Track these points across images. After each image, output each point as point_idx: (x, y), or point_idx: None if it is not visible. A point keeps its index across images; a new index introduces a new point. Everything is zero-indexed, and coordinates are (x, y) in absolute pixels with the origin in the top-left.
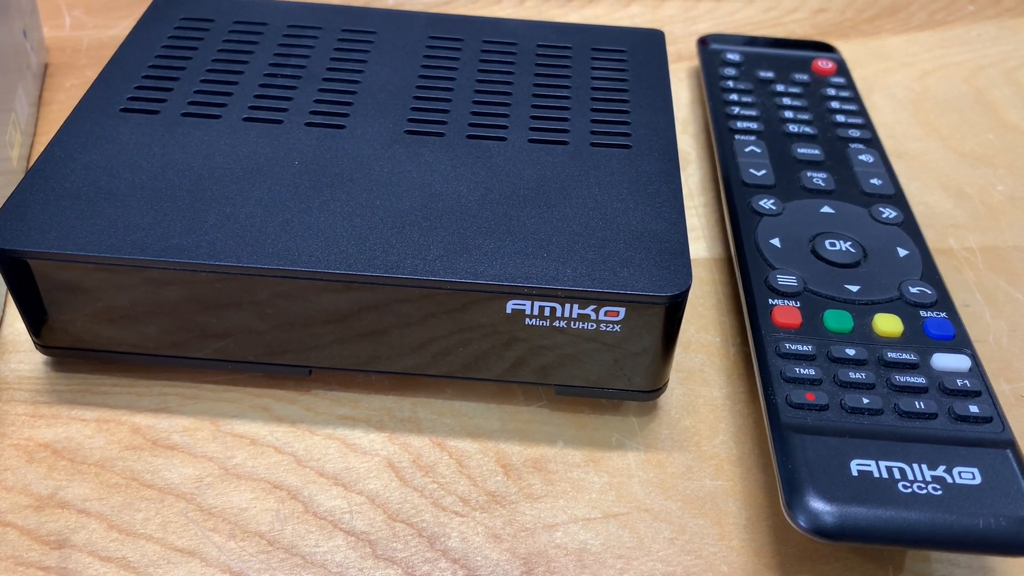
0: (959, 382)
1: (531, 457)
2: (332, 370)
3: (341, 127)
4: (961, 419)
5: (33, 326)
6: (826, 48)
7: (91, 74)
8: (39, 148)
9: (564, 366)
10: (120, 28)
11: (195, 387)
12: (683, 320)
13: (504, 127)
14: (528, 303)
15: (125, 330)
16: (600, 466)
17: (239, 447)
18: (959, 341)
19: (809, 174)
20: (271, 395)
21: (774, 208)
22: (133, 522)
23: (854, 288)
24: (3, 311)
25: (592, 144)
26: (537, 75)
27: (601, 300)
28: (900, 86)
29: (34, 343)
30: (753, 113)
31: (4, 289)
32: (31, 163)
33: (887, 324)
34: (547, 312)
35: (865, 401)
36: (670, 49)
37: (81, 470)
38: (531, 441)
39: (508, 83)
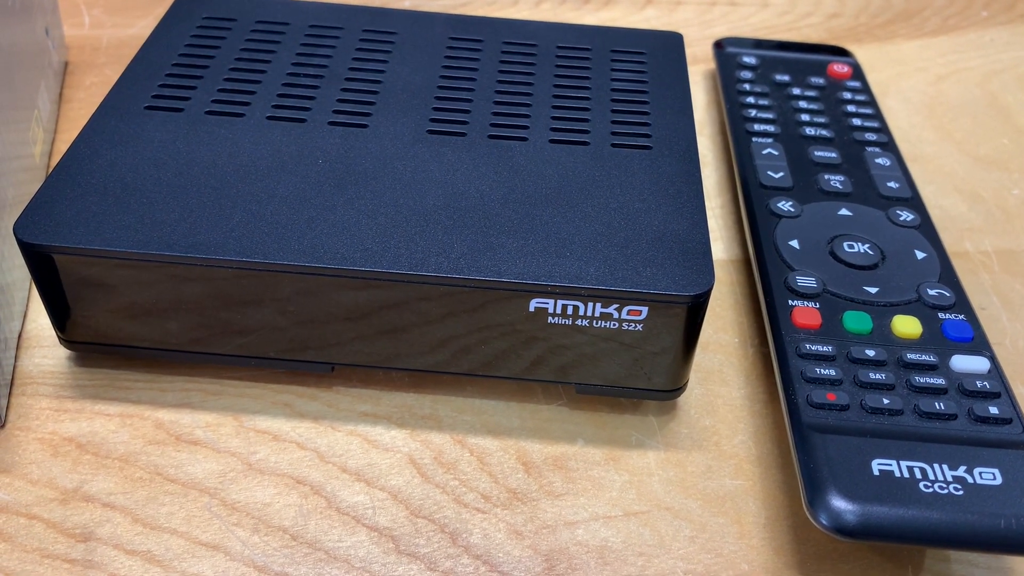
0: (978, 383)
1: (551, 455)
2: (354, 367)
3: (364, 126)
4: (981, 420)
5: (58, 321)
6: (841, 52)
7: (110, 72)
8: (60, 145)
9: (585, 365)
10: (138, 27)
11: (218, 383)
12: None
13: (525, 127)
14: (551, 301)
15: (149, 326)
16: (620, 465)
17: (262, 443)
18: (978, 343)
19: (826, 176)
20: (293, 391)
21: (792, 210)
22: (157, 516)
23: (873, 290)
24: (26, 306)
25: (613, 145)
26: (557, 76)
27: (624, 299)
28: (914, 90)
29: (58, 338)
30: (770, 116)
31: (27, 285)
32: (52, 159)
33: (906, 326)
34: (569, 311)
35: (885, 401)
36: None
37: (105, 464)
38: (551, 439)
39: (529, 84)
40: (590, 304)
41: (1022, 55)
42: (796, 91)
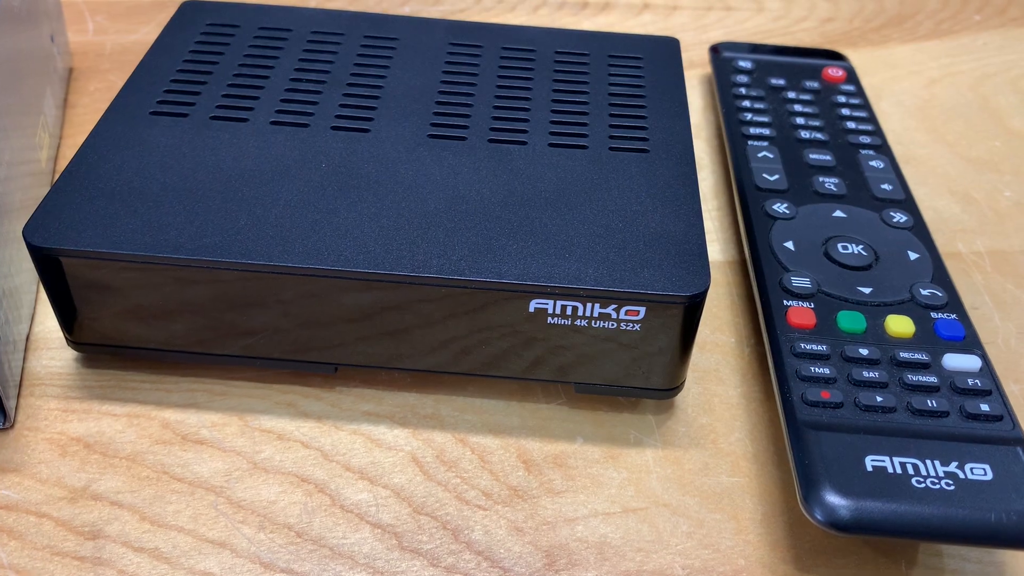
0: (970, 381)
1: (551, 453)
2: (357, 367)
3: (366, 131)
4: (972, 417)
5: (65, 323)
6: (836, 56)
7: (114, 78)
8: (65, 150)
9: (584, 365)
10: (141, 33)
11: (223, 384)
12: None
13: (524, 131)
14: (550, 302)
15: (155, 327)
16: (619, 462)
17: (267, 442)
18: (969, 342)
19: (821, 179)
20: (297, 392)
21: (787, 212)
22: (164, 514)
23: (866, 290)
24: (34, 309)
25: (611, 148)
26: (556, 81)
27: (622, 299)
28: (908, 94)
29: (66, 340)
30: (765, 119)
31: (35, 288)
32: (58, 164)
33: (899, 325)
34: (569, 311)
35: (879, 399)
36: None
37: (113, 463)
38: (551, 438)
39: (528, 89)
40: (589, 305)
41: (1014, 59)
42: (791, 95)
